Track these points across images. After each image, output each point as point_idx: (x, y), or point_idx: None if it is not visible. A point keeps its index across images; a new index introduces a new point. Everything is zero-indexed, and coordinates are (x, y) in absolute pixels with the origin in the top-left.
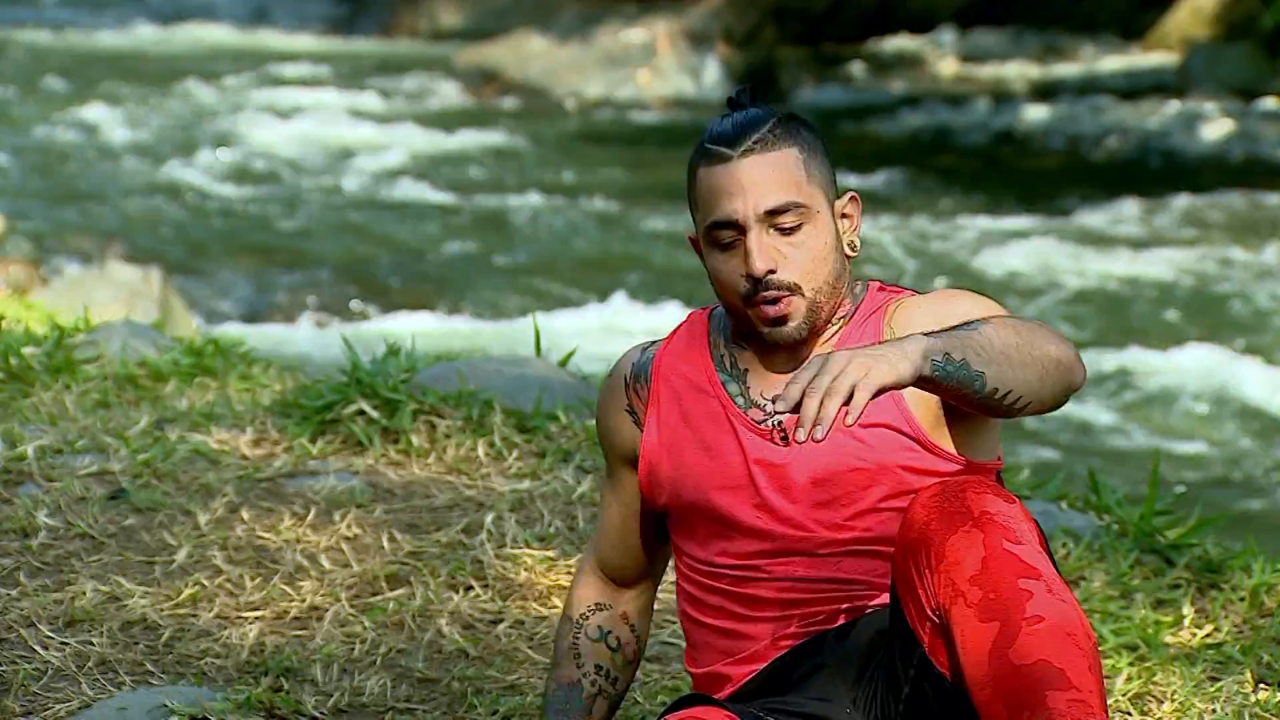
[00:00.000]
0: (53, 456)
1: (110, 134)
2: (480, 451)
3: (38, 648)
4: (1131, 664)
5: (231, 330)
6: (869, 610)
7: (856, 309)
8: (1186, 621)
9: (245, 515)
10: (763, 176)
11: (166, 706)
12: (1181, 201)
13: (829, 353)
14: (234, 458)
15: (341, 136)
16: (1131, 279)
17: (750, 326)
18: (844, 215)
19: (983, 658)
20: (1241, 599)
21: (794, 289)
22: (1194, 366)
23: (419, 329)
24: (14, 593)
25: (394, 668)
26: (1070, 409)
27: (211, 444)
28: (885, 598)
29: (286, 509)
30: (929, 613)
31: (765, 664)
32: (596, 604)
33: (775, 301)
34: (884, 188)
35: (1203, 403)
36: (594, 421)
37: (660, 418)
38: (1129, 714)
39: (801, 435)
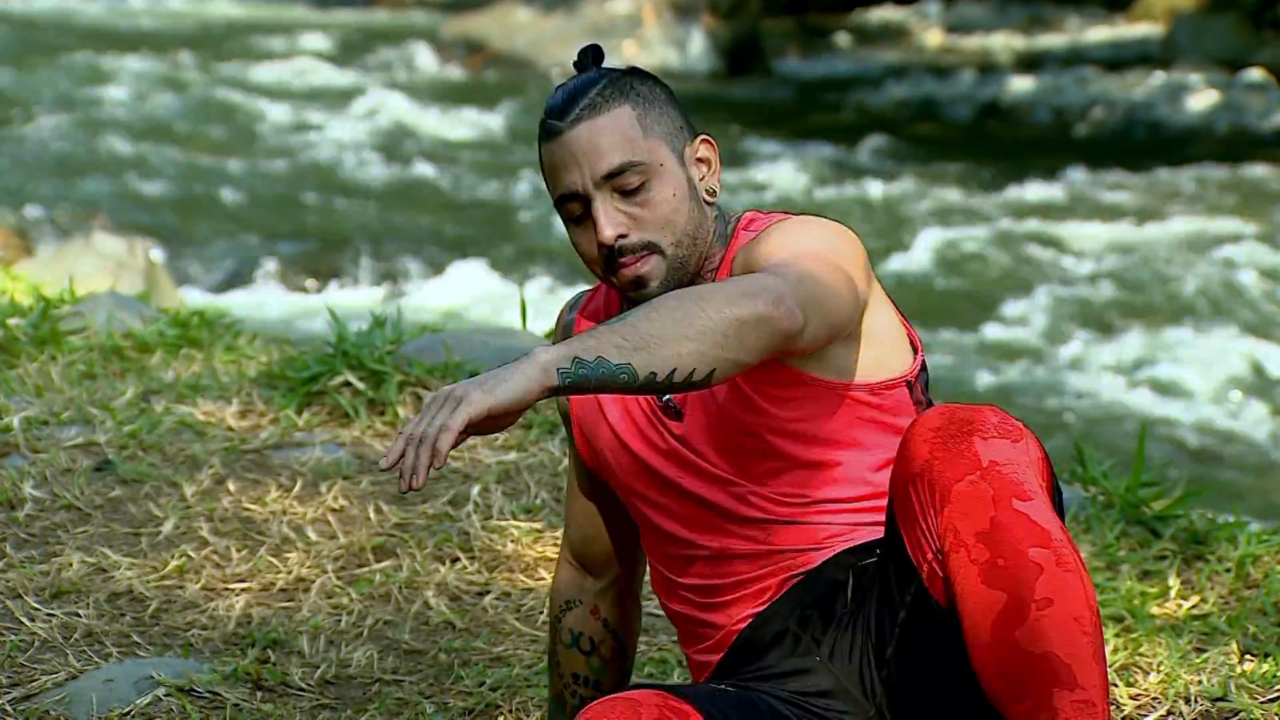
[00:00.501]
0: (38, 428)
1: (95, 105)
2: None
3: (24, 619)
4: (1118, 635)
5: (217, 302)
6: (809, 571)
7: (724, 258)
8: (1172, 593)
9: (231, 487)
10: (594, 142)
11: (153, 678)
12: (1166, 173)
13: (440, 390)
14: (220, 429)
15: (326, 107)
16: (1116, 250)
17: (621, 294)
18: (699, 160)
19: (986, 624)
20: (1228, 570)
21: (651, 247)
22: (1179, 338)
23: (404, 300)
24: (0, 564)
25: (381, 639)
26: (1054, 380)
27: (197, 415)
28: (819, 557)
29: (273, 481)
30: (928, 551)
31: (728, 647)
32: (567, 602)
33: (634, 265)
34: (869, 158)
35: (1188, 374)
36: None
37: None
38: (1115, 685)
39: (402, 486)
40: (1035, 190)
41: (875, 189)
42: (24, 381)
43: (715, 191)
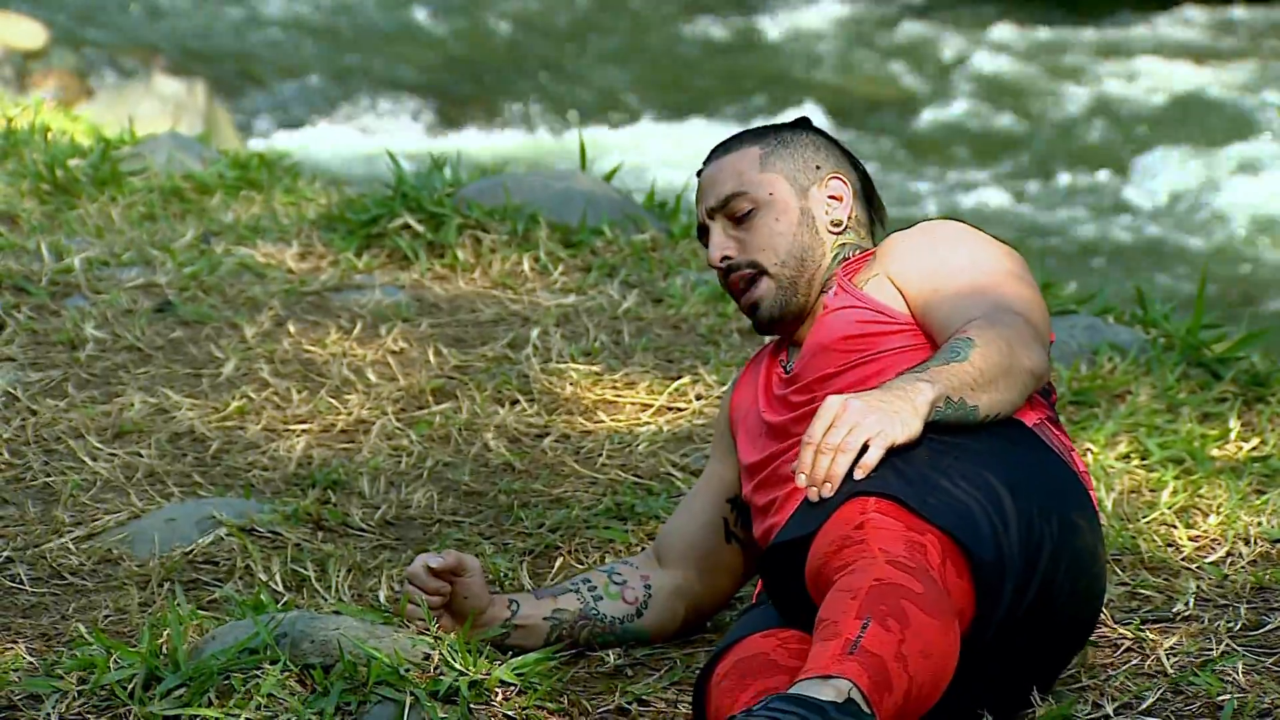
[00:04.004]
0: (99, 269)
1: None
2: (525, 266)
3: (86, 459)
4: (1177, 477)
5: (276, 144)
6: None
7: (835, 274)
8: (1233, 435)
9: (291, 329)
10: (714, 178)
11: (215, 518)
12: (1241, 12)
13: (839, 399)
14: (280, 271)
15: None
16: (1188, 89)
17: None
18: (831, 197)
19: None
20: None
21: (754, 266)
22: (1243, 182)
23: (464, 144)
24: (62, 404)
25: (440, 481)
26: (1117, 224)
27: (257, 257)
28: None
29: (332, 323)
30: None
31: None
32: (625, 560)
33: (743, 289)
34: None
35: (1252, 215)
36: (638, 236)
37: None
38: (1174, 527)
39: (813, 496)
40: (1104, 29)
41: (927, 29)
42: (85, 222)
43: (840, 223)
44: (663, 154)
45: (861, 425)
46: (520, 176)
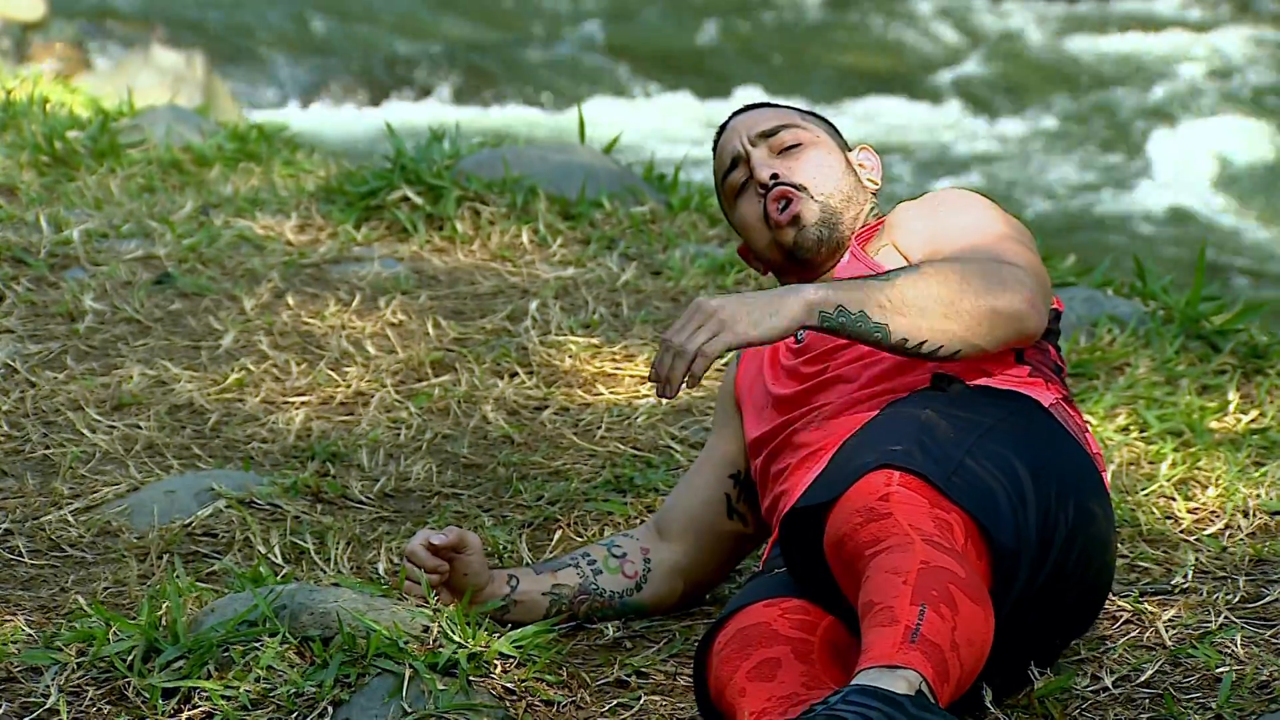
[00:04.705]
0: (98, 241)
1: None
2: (524, 238)
3: (85, 431)
4: (1176, 450)
5: (275, 116)
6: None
7: (875, 227)
8: (1232, 407)
9: (291, 301)
10: (754, 118)
11: (214, 490)
12: None
13: (702, 299)
14: (279, 243)
15: None
16: (1188, 53)
17: (783, 258)
18: (861, 164)
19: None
20: None
21: (800, 188)
22: (1245, 145)
23: (462, 116)
24: (61, 376)
25: (439, 453)
26: (1117, 196)
27: (256, 230)
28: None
29: (332, 295)
30: None
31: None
32: (626, 534)
33: (786, 202)
34: None
35: (1252, 187)
36: (637, 208)
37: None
38: (1173, 499)
39: (655, 393)
40: None
41: None
42: (83, 194)
43: (877, 182)
44: (662, 127)
45: (707, 325)
46: (519, 149)
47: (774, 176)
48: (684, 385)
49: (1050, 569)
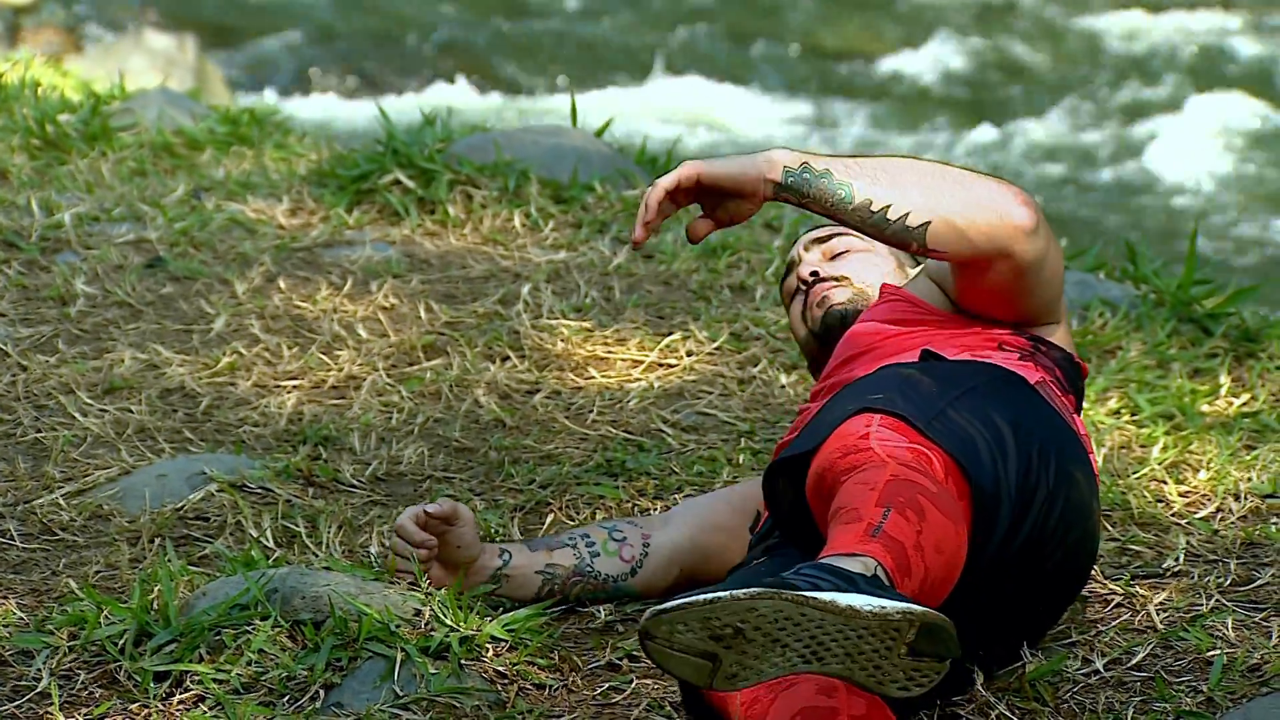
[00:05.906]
0: (89, 224)
1: None
2: (516, 222)
3: (77, 415)
4: (1168, 433)
5: (267, 100)
6: None
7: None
8: (1223, 390)
9: (282, 285)
10: (817, 231)
11: (205, 474)
12: None
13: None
14: (270, 227)
15: None
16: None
17: (817, 347)
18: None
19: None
20: (1278, 367)
21: (840, 280)
22: (1239, 127)
23: (454, 100)
24: (53, 360)
25: (431, 437)
26: (1110, 179)
27: (248, 213)
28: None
29: (323, 279)
30: None
31: None
32: (629, 520)
33: (824, 297)
34: None
35: (1245, 169)
36: (630, 191)
37: None
38: (1165, 483)
39: (636, 234)
40: None
41: None
42: (75, 178)
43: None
44: (654, 110)
45: (678, 170)
46: (511, 132)
47: (814, 274)
48: (642, 225)
49: (1029, 530)
